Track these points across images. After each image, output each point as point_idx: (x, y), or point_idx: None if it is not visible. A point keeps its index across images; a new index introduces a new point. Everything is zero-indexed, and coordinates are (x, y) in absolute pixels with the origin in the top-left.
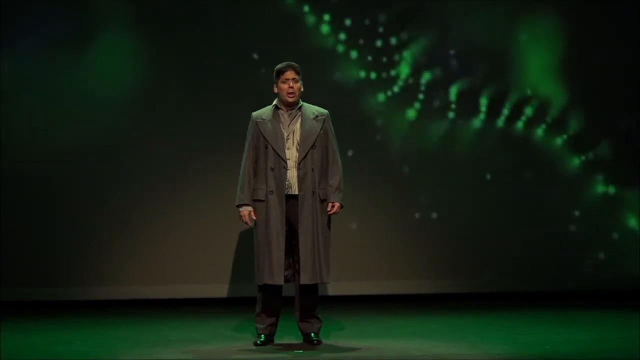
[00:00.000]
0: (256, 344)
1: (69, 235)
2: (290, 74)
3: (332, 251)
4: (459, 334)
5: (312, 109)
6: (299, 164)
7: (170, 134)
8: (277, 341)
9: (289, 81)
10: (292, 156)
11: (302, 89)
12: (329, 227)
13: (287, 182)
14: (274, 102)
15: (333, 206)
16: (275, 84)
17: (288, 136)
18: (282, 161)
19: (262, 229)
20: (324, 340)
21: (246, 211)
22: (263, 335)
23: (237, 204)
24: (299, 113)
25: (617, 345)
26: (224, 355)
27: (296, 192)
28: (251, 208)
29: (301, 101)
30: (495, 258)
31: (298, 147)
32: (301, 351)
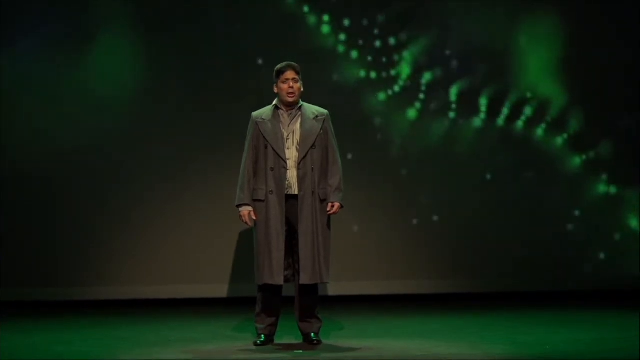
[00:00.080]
0: (256, 344)
1: (69, 235)
2: (290, 74)
3: (332, 251)
4: (459, 334)
5: (312, 109)
6: (299, 164)
7: (170, 134)
8: (277, 341)
9: (289, 81)
10: (292, 156)
11: (302, 89)
12: (329, 227)
13: (287, 182)
14: (274, 102)
15: (333, 206)
16: (275, 84)
17: (288, 136)
18: (282, 161)
19: (262, 229)
20: (324, 340)
21: (246, 211)
22: (263, 335)
23: (237, 204)
24: (299, 113)
25: (617, 345)
26: (224, 355)
27: (296, 192)
28: (251, 208)
29: (301, 101)
30: (495, 258)
31: (298, 147)
32: (301, 351)
